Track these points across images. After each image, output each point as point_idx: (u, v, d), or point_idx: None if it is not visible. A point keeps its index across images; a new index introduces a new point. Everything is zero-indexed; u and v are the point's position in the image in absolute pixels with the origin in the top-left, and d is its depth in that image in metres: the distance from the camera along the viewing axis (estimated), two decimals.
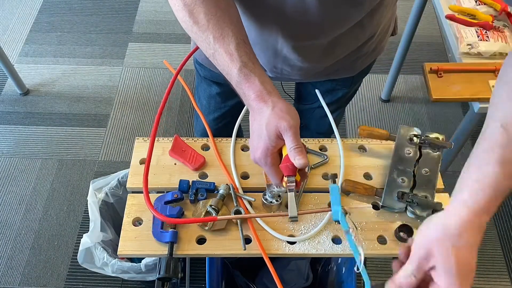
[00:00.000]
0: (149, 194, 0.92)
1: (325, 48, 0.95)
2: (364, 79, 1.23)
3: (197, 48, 0.99)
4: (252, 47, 0.85)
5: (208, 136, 1.00)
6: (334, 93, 1.18)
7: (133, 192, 0.94)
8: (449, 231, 0.59)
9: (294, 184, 0.74)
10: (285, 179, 0.76)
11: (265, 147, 0.75)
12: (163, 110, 0.90)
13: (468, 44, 1.37)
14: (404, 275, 0.61)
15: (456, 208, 0.60)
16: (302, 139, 1.00)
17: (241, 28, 0.78)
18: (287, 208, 0.90)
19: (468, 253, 0.59)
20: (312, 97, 1.24)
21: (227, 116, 1.24)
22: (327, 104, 1.04)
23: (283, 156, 0.76)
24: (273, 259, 0.80)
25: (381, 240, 0.86)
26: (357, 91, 1.30)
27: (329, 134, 1.39)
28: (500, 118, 0.62)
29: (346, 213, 0.83)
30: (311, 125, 1.37)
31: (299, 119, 0.74)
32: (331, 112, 1.03)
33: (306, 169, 0.94)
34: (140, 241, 0.85)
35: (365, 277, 0.66)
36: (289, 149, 0.72)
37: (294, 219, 0.73)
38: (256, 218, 0.87)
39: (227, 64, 0.75)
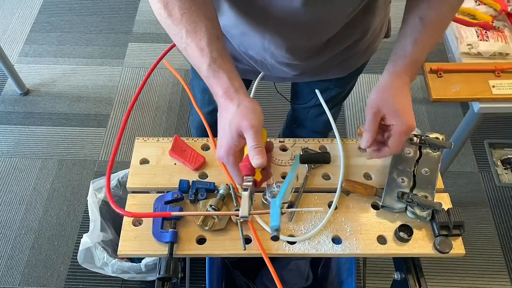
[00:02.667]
0: (149, 194, 0.93)
1: (312, 47, 0.95)
2: (364, 79, 1.23)
3: (174, 44, 0.98)
4: (243, 38, 0.86)
5: (205, 132, 0.99)
6: (327, 92, 1.18)
7: (133, 192, 0.94)
8: (381, 88, 0.86)
9: (250, 183, 0.73)
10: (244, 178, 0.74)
11: (228, 145, 0.74)
12: (132, 108, 0.90)
13: (468, 44, 1.37)
14: (364, 132, 0.84)
15: (383, 75, 0.87)
16: (303, 139, 1.01)
17: (216, 24, 0.78)
18: (287, 207, 0.90)
19: (400, 95, 0.84)
20: (306, 96, 1.24)
21: None
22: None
23: (245, 155, 0.75)
24: (273, 259, 0.80)
25: (381, 240, 0.86)
26: (357, 91, 1.30)
27: (325, 132, 1.39)
28: (418, 12, 0.84)
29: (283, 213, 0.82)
30: (306, 123, 1.37)
31: (262, 119, 0.73)
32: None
33: (306, 170, 0.94)
34: (140, 241, 0.85)
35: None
36: (248, 149, 0.71)
37: (245, 219, 0.72)
38: (257, 219, 0.87)
39: (198, 59, 0.75)
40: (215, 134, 0.99)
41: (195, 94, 1.25)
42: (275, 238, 0.69)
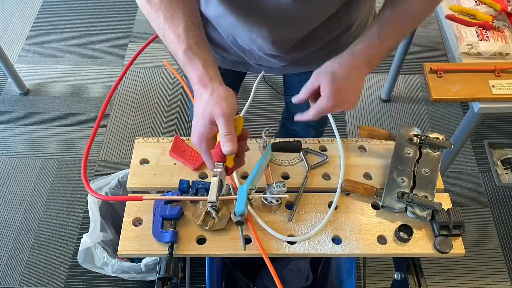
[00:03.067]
0: (149, 194, 0.93)
1: (298, 40, 0.96)
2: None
3: (156, 35, 0.98)
4: (231, 29, 0.87)
5: None
6: None
7: (133, 192, 0.94)
8: (331, 63, 0.86)
9: (220, 169, 0.74)
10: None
11: (200, 132, 0.75)
12: (110, 99, 0.90)
13: (468, 44, 1.37)
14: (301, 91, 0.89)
15: (341, 54, 0.87)
16: (303, 139, 1.01)
17: (194, 10, 0.79)
18: (287, 208, 0.90)
19: (343, 75, 0.84)
20: (296, 86, 1.24)
21: None
22: None
23: (217, 143, 0.76)
24: (273, 259, 0.80)
25: (381, 240, 0.86)
26: None
27: (319, 126, 1.39)
28: (388, 2, 0.86)
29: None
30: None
31: (235, 107, 0.74)
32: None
33: (306, 170, 0.94)
34: (140, 241, 0.85)
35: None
36: (220, 136, 0.72)
37: (213, 204, 0.73)
38: (257, 219, 0.87)
39: (174, 45, 0.75)
40: None
41: (190, 87, 1.26)
42: (239, 223, 0.74)
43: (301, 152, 0.98)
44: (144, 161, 0.97)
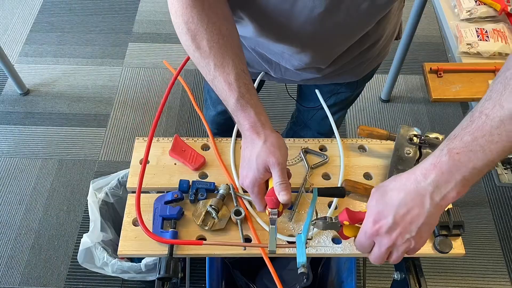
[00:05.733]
0: (149, 194, 0.93)
1: (331, 53, 0.96)
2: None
3: None
4: (262, 45, 0.87)
5: (219, 128, 1.01)
6: (337, 95, 1.19)
7: (133, 192, 0.94)
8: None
9: (276, 216, 0.76)
10: (268, 210, 0.77)
11: (253, 177, 0.77)
12: (162, 111, 0.90)
13: (467, 44, 1.37)
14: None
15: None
16: (302, 139, 1.01)
17: (242, 57, 0.80)
18: (287, 208, 0.90)
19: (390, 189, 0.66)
20: (314, 98, 1.24)
21: None
22: (330, 106, 1.05)
23: (269, 188, 0.78)
24: (273, 259, 0.80)
25: None
26: None
27: (330, 134, 1.39)
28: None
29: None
30: (312, 125, 1.37)
31: (287, 154, 0.77)
32: (333, 114, 1.04)
33: (306, 170, 0.95)
34: (140, 241, 0.85)
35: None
36: (274, 184, 0.74)
37: (272, 253, 0.75)
38: (257, 219, 0.87)
39: (225, 92, 0.77)
40: (225, 132, 1.01)
41: (210, 93, 1.29)
42: (303, 274, 0.72)
43: (301, 152, 0.98)
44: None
